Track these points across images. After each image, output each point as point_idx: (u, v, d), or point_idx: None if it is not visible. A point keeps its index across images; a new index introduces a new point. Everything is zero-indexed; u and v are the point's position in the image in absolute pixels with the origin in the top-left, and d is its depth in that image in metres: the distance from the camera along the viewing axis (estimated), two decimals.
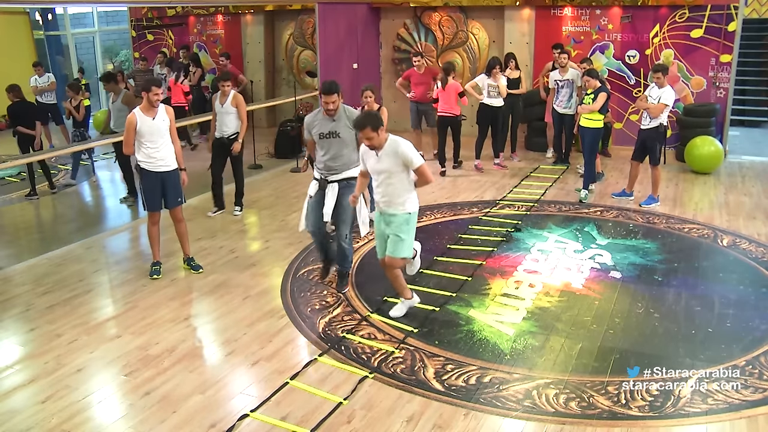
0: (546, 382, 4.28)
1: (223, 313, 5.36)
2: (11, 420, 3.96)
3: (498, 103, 9.30)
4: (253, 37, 13.30)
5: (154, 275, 6.03)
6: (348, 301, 5.51)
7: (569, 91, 9.23)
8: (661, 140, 7.72)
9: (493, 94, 9.24)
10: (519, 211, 7.75)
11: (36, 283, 6.00)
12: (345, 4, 11.44)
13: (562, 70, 9.26)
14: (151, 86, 5.80)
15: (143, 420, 3.95)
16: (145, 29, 14.14)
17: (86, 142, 9.09)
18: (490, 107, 9.30)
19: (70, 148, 9.12)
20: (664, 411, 3.97)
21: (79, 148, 9.00)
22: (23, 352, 4.81)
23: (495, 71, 9.09)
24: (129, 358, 4.65)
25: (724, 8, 9.85)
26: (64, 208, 8.31)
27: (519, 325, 5.06)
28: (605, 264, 6.18)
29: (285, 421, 3.91)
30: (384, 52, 12.53)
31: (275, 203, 8.27)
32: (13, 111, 8.74)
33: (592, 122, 7.96)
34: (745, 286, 5.69)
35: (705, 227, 7.12)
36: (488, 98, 9.26)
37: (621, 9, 10.48)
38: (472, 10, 11.63)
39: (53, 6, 15.19)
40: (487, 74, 9.22)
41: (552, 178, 9.13)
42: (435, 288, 5.70)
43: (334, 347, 4.75)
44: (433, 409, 4.02)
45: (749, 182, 8.93)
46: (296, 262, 6.35)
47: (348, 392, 4.19)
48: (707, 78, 10.17)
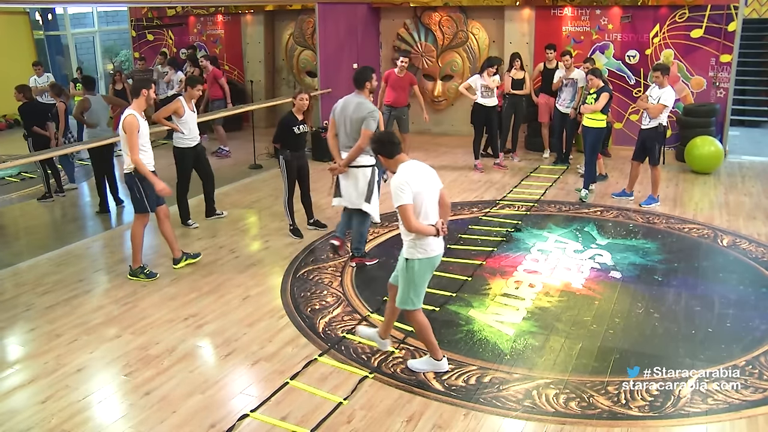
0: (546, 382, 4.28)
1: (223, 313, 5.36)
2: (11, 420, 3.96)
3: (491, 103, 9.32)
4: (253, 37, 13.30)
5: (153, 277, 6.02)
6: (348, 301, 5.51)
7: (572, 91, 9.24)
8: (660, 140, 7.72)
9: (486, 94, 9.26)
10: (519, 211, 7.76)
11: (36, 283, 6.00)
12: (345, 4, 11.44)
13: (568, 69, 9.30)
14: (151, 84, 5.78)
15: (143, 420, 3.95)
16: (145, 29, 14.14)
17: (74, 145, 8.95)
18: (483, 107, 9.32)
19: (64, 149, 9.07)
20: (664, 411, 3.97)
21: (68, 150, 8.90)
22: (23, 352, 4.81)
23: (488, 71, 9.13)
24: (129, 358, 4.65)
25: (724, 8, 9.84)
26: (64, 209, 8.30)
27: (519, 325, 5.06)
28: (605, 264, 6.18)
29: (285, 421, 3.91)
30: (384, 52, 12.52)
31: (275, 203, 8.26)
32: (24, 111, 8.59)
33: (595, 122, 7.97)
34: (745, 286, 5.69)
35: (705, 227, 7.12)
36: (482, 98, 9.28)
37: (621, 9, 10.48)
38: (472, 10, 11.63)
39: (53, 6, 15.20)
40: (480, 74, 9.27)
41: (552, 178, 9.13)
42: (435, 288, 5.69)
43: (334, 347, 4.75)
44: (433, 409, 4.02)
45: (749, 182, 8.93)
46: (296, 262, 6.35)
47: (348, 392, 4.19)
48: (707, 78, 10.17)
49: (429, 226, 4.07)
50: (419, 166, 4.18)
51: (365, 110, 5.82)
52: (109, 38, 17.36)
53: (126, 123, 5.65)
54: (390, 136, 4.29)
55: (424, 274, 4.21)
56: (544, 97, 10.02)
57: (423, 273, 4.19)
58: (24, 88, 8.59)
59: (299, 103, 6.83)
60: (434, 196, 4.15)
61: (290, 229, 7.05)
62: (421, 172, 4.14)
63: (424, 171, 4.17)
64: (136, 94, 5.82)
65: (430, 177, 4.17)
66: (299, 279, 5.98)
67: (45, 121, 8.52)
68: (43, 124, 8.48)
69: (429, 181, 4.14)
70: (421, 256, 4.13)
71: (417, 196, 4.05)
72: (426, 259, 4.15)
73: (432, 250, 4.16)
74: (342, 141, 5.99)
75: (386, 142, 4.19)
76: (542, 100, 10.06)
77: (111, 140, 7.89)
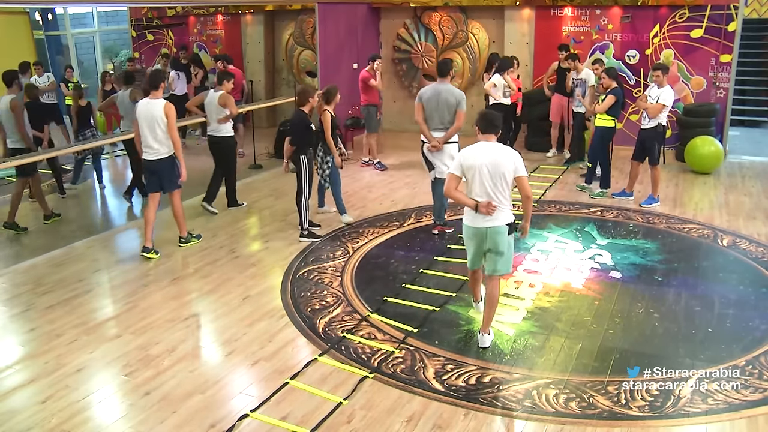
0: (546, 382, 4.28)
1: (223, 313, 5.36)
2: (11, 420, 3.96)
3: (508, 102, 9.49)
4: (253, 37, 13.30)
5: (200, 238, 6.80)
6: (348, 301, 5.51)
7: (581, 90, 9.27)
8: (659, 140, 7.72)
9: (507, 93, 9.41)
10: (519, 211, 7.73)
11: (36, 283, 6.00)
12: (345, 4, 11.44)
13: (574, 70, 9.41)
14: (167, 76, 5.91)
15: (143, 420, 3.95)
16: (145, 29, 14.14)
17: (88, 142, 9.01)
18: (503, 106, 9.42)
19: (72, 148, 9.10)
20: (664, 411, 3.98)
21: (80, 148, 8.97)
22: (23, 352, 4.81)
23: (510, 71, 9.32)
24: (129, 358, 4.65)
25: (724, 8, 9.84)
26: (64, 209, 8.29)
27: (519, 325, 5.06)
28: (605, 264, 6.18)
29: (285, 421, 3.91)
30: (384, 52, 12.52)
31: (275, 203, 8.27)
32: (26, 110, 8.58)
33: (601, 121, 8.04)
34: (745, 286, 5.69)
35: (705, 227, 7.12)
36: (503, 97, 9.44)
37: (621, 9, 10.49)
38: (472, 10, 11.63)
39: (53, 6, 15.19)
40: (501, 73, 9.37)
41: (552, 178, 9.14)
42: (435, 288, 5.70)
43: (334, 347, 4.75)
44: (433, 409, 4.02)
45: (749, 182, 8.93)
46: (296, 262, 6.35)
47: (348, 392, 4.19)
48: (707, 78, 10.17)
49: (468, 199, 4.53)
50: (486, 148, 4.53)
51: (457, 95, 6.63)
52: (109, 38, 17.35)
53: (168, 108, 6.29)
54: (492, 116, 4.71)
55: (467, 238, 4.76)
56: (558, 97, 10.00)
57: (466, 236, 4.77)
58: (29, 87, 8.58)
59: (313, 102, 6.88)
60: (493, 177, 4.47)
61: (305, 233, 6.91)
62: (483, 153, 4.50)
63: (489, 154, 4.50)
64: (155, 87, 6.34)
65: (494, 161, 4.47)
66: (299, 279, 5.97)
67: (43, 123, 8.48)
68: (40, 126, 8.45)
69: (489, 163, 4.46)
70: (464, 221, 4.70)
71: (468, 170, 4.51)
72: (465, 225, 4.70)
73: (468, 220, 4.66)
74: (434, 123, 6.71)
75: (486, 119, 4.63)
76: (555, 100, 10.04)
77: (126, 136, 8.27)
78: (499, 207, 4.49)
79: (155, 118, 6.25)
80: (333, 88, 7.27)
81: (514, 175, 4.50)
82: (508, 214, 4.58)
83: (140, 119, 6.35)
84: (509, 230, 4.59)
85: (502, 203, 4.52)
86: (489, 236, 4.56)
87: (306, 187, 6.87)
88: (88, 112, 9.42)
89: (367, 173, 9.67)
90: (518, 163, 4.50)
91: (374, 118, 9.92)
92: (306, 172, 6.85)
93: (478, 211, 4.48)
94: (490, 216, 4.48)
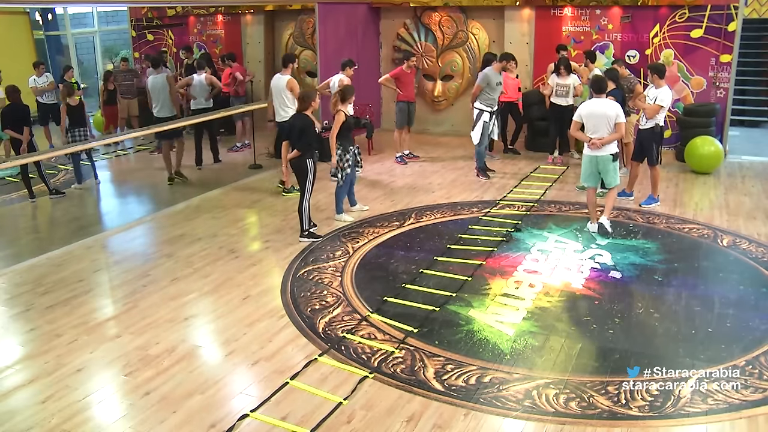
0: (546, 382, 4.28)
1: (223, 313, 5.36)
2: (11, 420, 3.96)
3: (565, 102, 9.49)
4: (253, 37, 13.30)
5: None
6: (348, 301, 5.51)
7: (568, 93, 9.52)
8: (657, 140, 7.71)
9: (561, 93, 9.47)
10: (519, 211, 7.76)
11: (36, 283, 6.00)
12: (345, 4, 11.44)
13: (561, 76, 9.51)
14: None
15: (143, 420, 3.95)
16: (145, 29, 14.14)
17: (78, 140, 9.01)
18: (558, 106, 9.52)
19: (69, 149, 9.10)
20: (664, 411, 3.98)
21: (80, 148, 8.97)
22: (23, 352, 4.81)
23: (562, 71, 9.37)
24: (129, 358, 4.65)
25: (724, 8, 9.84)
26: (64, 209, 8.30)
27: (519, 325, 5.06)
28: (605, 264, 6.18)
29: (285, 421, 3.91)
30: (384, 52, 12.53)
31: (275, 203, 8.26)
32: (3, 113, 8.59)
33: None
34: (745, 286, 5.69)
35: (705, 227, 7.12)
36: (556, 97, 9.51)
37: (621, 9, 10.49)
38: (472, 10, 11.63)
39: (53, 6, 15.19)
40: (557, 74, 9.44)
41: (552, 178, 9.13)
42: (435, 288, 5.70)
43: (334, 347, 4.75)
44: (433, 409, 4.02)
45: (749, 182, 8.93)
46: (296, 262, 6.35)
47: (348, 392, 4.19)
48: (707, 78, 10.17)
49: (584, 135, 6.77)
50: (595, 103, 6.68)
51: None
52: (109, 38, 17.36)
53: (291, 82, 8.33)
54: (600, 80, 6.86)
55: (584, 163, 6.88)
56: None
57: (583, 161, 6.89)
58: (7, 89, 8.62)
59: (315, 105, 6.88)
60: (601, 122, 6.60)
61: (306, 234, 6.90)
62: (594, 107, 6.67)
63: (598, 107, 6.65)
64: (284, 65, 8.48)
65: (601, 111, 6.62)
66: (299, 279, 5.97)
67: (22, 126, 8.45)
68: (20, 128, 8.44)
69: (598, 112, 6.62)
70: (584, 152, 6.87)
71: (585, 117, 6.72)
72: (584, 154, 6.84)
73: (587, 150, 6.79)
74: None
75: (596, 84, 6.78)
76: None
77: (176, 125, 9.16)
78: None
79: (280, 89, 8.17)
80: (349, 87, 7.20)
81: (615, 121, 6.56)
82: (612, 147, 6.64)
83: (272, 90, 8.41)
84: (613, 158, 6.66)
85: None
86: (600, 162, 6.69)
87: (308, 190, 6.87)
88: (81, 110, 9.41)
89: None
90: (619, 113, 6.59)
91: (404, 114, 10.02)
92: (311, 175, 6.84)
93: (590, 145, 6.61)
94: (598, 148, 6.59)
